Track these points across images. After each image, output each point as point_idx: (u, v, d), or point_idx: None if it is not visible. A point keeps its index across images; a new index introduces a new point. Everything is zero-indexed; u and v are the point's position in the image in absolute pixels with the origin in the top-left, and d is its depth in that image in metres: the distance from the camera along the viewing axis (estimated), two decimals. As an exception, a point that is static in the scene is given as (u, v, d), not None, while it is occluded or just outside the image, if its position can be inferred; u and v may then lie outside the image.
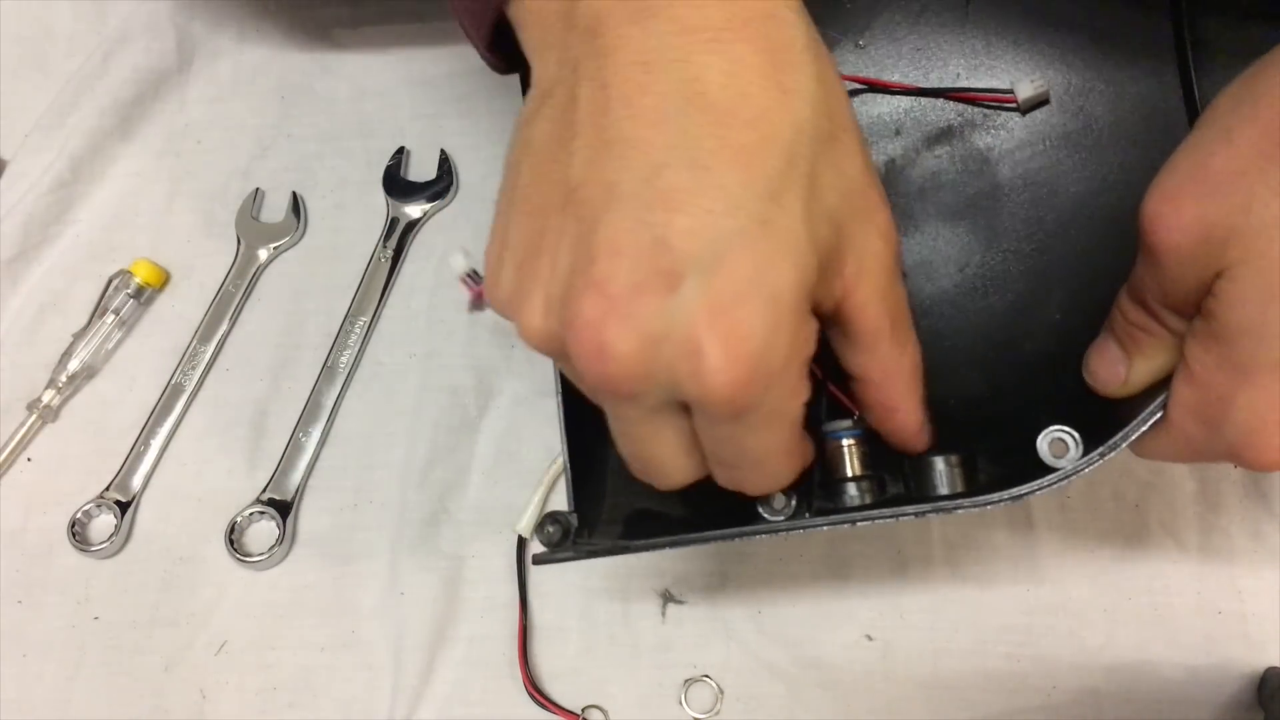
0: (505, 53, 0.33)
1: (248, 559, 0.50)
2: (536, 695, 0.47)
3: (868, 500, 0.35)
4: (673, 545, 0.35)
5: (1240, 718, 0.46)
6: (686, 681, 0.47)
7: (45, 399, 0.53)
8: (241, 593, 0.50)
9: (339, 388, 0.53)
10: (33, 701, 0.49)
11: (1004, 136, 0.40)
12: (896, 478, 0.36)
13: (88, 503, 0.51)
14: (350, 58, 0.61)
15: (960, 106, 0.40)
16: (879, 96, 0.41)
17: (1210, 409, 0.30)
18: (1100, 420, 0.33)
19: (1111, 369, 0.34)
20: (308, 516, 0.51)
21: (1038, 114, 0.39)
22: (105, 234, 0.58)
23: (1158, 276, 0.30)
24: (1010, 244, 0.39)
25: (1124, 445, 0.32)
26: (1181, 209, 0.28)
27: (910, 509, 0.33)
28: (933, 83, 0.40)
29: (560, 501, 0.50)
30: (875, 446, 0.35)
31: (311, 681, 0.48)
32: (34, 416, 0.53)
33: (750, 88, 0.26)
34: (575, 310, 0.25)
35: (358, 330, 0.54)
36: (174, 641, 0.49)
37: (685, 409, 0.28)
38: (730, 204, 0.25)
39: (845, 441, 0.35)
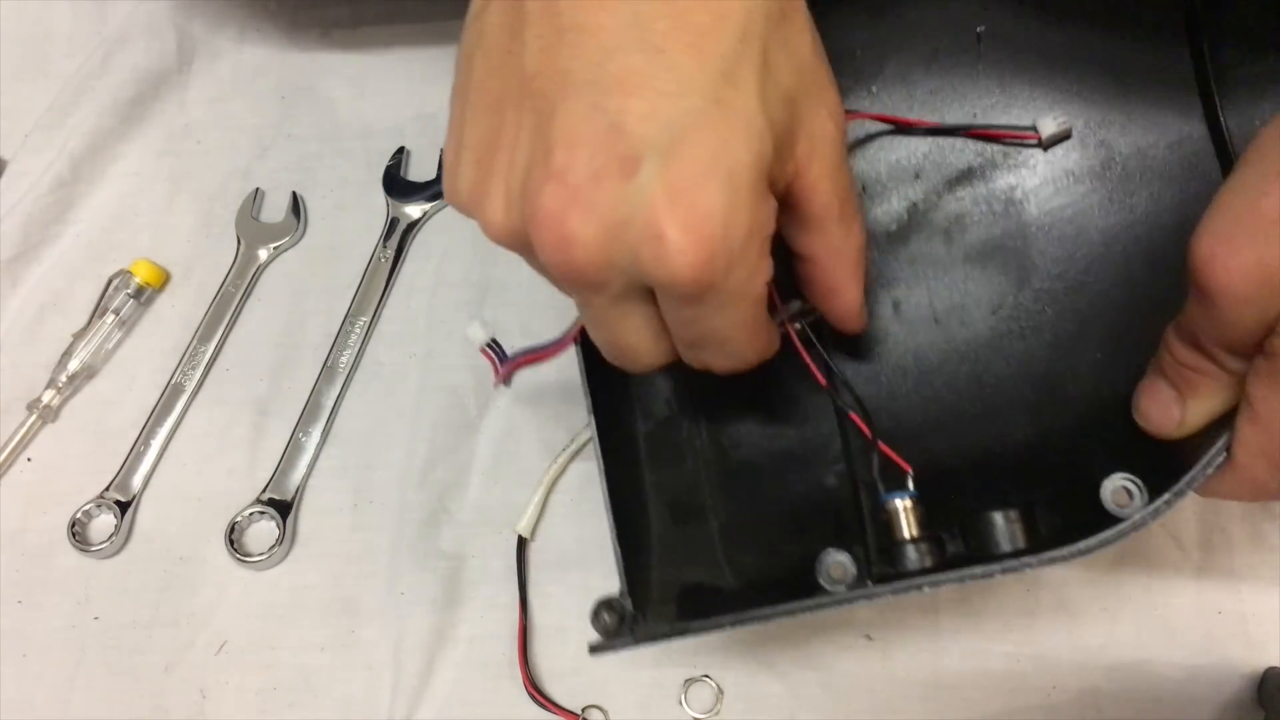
0: None
1: (248, 559, 0.50)
2: (536, 695, 0.47)
3: (929, 562, 0.34)
4: (735, 625, 0.33)
5: (1240, 718, 0.46)
6: (686, 681, 0.47)
7: (45, 399, 0.53)
8: (241, 593, 0.50)
9: (339, 388, 0.53)
10: (33, 701, 0.49)
11: (1026, 175, 0.39)
12: (954, 535, 0.35)
13: (88, 503, 0.51)
14: (350, 58, 0.61)
15: (979, 147, 0.39)
16: (897, 141, 0.40)
17: (1278, 450, 0.29)
18: (1157, 459, 0.32)
19: (1165, 411, 0.33)
20: (308, 516, 0.51)
21: (1059, 150, 0.39)
22: (105, 234, 0.58)
23: (1214, 319, 0.29)
24: (1042, 283, 0.39)
25: (1191, 489, 0.31)
26: (1238, 251, 0.28)
27: (978, 570, 0.32)
28: (950, 123, 0.40)
29: (561, 501, 0.50)
30: (930, 505, 0.35)
31: (311, 681, 0.48)
32: (34, 416, 0.53)
33: None
34: (536, 203, 0.26)
35: (358, 330, 0.54)
36: (174, 641, 0.49)
37: (651, 294, 0.28)
38: (685, 85, 0.25)
39: (901, 503, 0.34)
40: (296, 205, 0.57)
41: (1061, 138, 0.38)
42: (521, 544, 0.49)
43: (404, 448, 0.52)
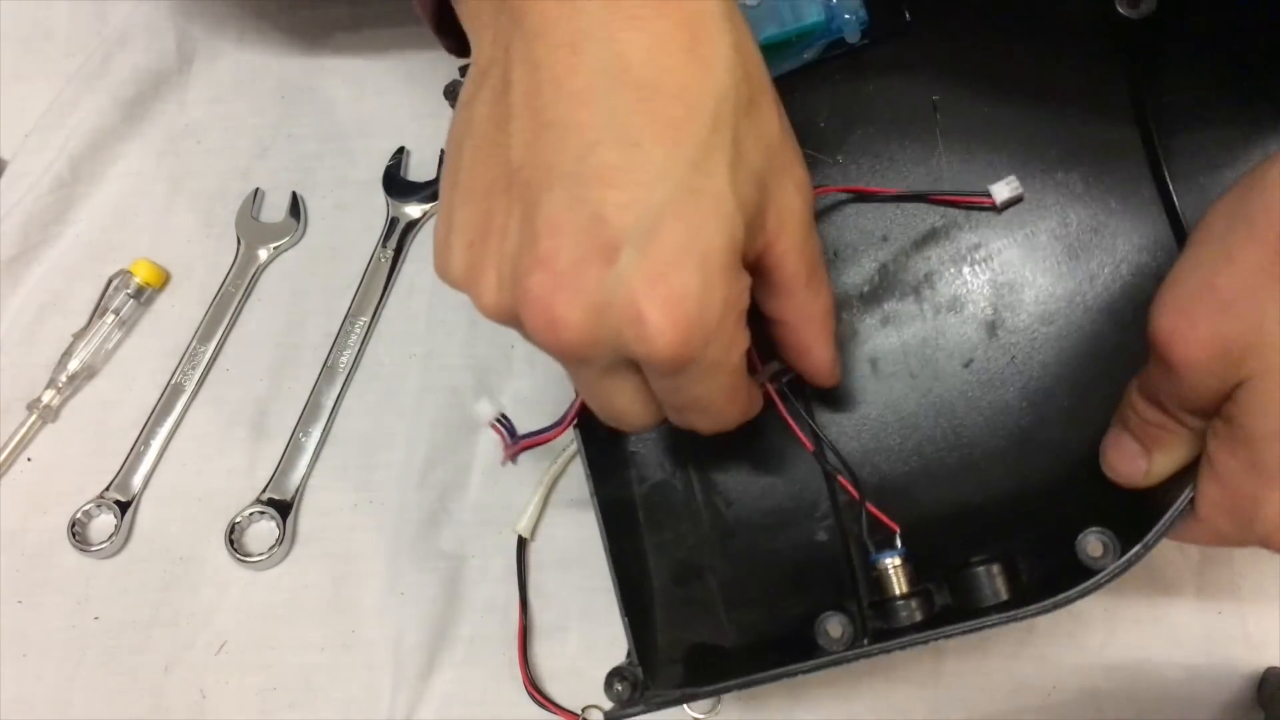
0: (456, 34, 0.34)
1: (248, 559, 0.50)
2: (536, 695, 0.47)
3: (919, 617, 0.36)
4: (742, 686, 0.36)
5: (1240, 718, 0.46)
6: (686, 681, 0.47)
7: (45, 399, 0.53)
8: (241, 593, 0.50)
9: (339, 388, 0.53)
10: (33, 701, 0.49)
11: (988, 234, 0.41)
12: (941, 585, 0.37)
13: (88, 503, 0.51)
14: (350, 58, 0.61)
15: (943, 210, 0.41)
16: (865, 207, 0.42)
17: (1240, 508, 0.31)
18: (1127, 506, 0.34)
19: (1132, 464, 0.35)
20: (308, 516, 0.51)
21: (1018, 210, 0.41)
22: (105, 234, 0.58)
23: (1175, 385, 0.31)
24: (1009, 336, 0.41)
25: (1158, 541, 0.33)
26: (1196, 326, 0.30)
27: (967, 625, 0.34)
28: (912, 190, 0.42)
29: (561, 501, 0.50)
30: (920, 563, 0.37)
31: (311, 681, 0.48)
32: (34, 416, 0.53)
33: (672, 61, 0.27)
34: (525, 286, 0.27)
35: (358, 330, 0.54)
36: (174, 641, 0.49)
37: (637, 365, 0.30)
38: (659, 175, 0.26)
39: (891, 562, 0.36)
40: (296, 205, 0.57)
41: (1014, 201, 0.40)
42: (521, 544, 0.49)
43: (404, 448, 0.52)
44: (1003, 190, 0.40)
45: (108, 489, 0.52)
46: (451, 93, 0.41)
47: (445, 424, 0.52)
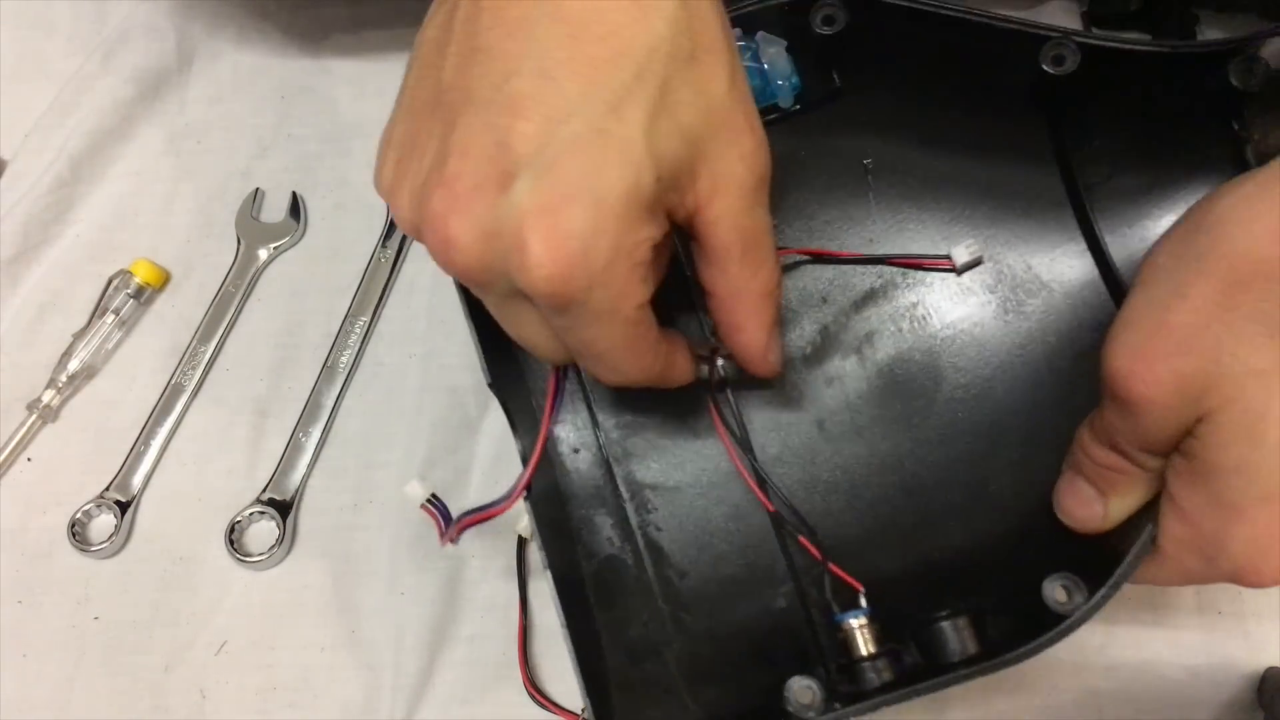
0: None
1: (248, 559, 0.50)
2: (536, 695, 0.47)
3: (888, 677, 0.35)
4: None
5: (1240, 718, 0.46)
6: (686, 681, 0.47)
7: (45, 399, 0.53)
8: (241, 593, 0.50)
9: (339, 388, 0.53)
10: (33, 701, 0.49)
11: (924, 291, 0.42)
12: (908, 643, 0.37)
13: (88, 503, 0.51)
14: (350, 58, 0.61)
15: (881, 270, 0.42)
16: (805, 269, 0.42)
17: (1204, 544, 0.31)
18: (1088, 551, 0.34)
19: (1088, 509, 0.35)
20: (308, 516, 0.51)
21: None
22: (105, 234, 0.58)
23: (1134, 425, 0.31)
24: (953, 391, 0.41)
25: (1124, 581, 0.33)
26: (1154, 365, 0.30)
27: (940, 681, 0.34)
28: (848, 250, 0.42)
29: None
30: (885, 621, 0.36)
31: (311, 681, 0.48)
32: (34, 416, 0.53)
33: (609, 4, 0.27)
34: (427, 205, 0.28)
35: (358, 330, 0.54)
36: (174, 641, 0.49)
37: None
38: (569, 111, 0.27)
39: (856, 622, 0.36)
40: (296, 205, 0.57)
41: (973, 264, 0.40)
42: (521, 544, 0.49)
43: (404, 448, 0.52)
44: (962, 254, 0.41)
45: (108, 489, 0.52)
46: None
47: (445, 424, 0.52)
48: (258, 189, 0.58)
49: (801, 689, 0.36)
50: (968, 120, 0.41)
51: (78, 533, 0.51)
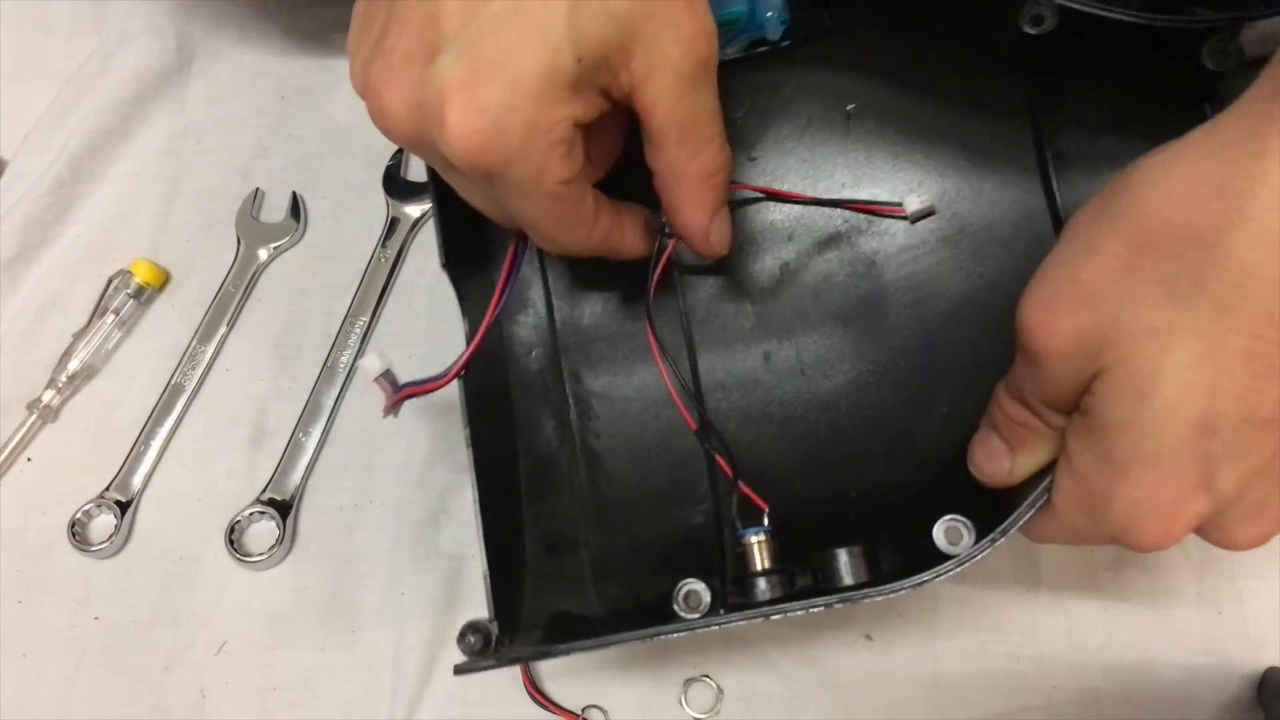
0: None
1: (248, 559, 0.50)
2: (536, 695, 0.47)
3: (778, 593, 0.36)
4: (593, 648, 0.36)
5: (1240, 718, 0.46)
6: (686, 681, 0.47)
7: (45, 399, 0.53)
8: (241, 593, 0.50)
9: (339, 388, 0.53)
10: (33, 701, 0.49)
11: (887, 241, 0.42)
12: (805, 570, 0.38)
13: (88, 503, 0.51)
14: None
15: (847, 214, 0.42)
16: (774, 205, 0.43)
17: (1092, 499, 0.31)
18: (992, 505, 0.35)
19: (996, 463, 0.35)
20: (308, 516, 0.51)
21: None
22: (105, 234, 0.58)
23: (1038, 378, 0.32)
24: (898, 342, 0.42)
25: (1014, 530, 0.34)
26: (1058, 318, 0.30)
27: (820, 600, 0.35)
28: (820, 191, 0.43)
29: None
30: (784, 542, 0.37)
31: (311, 681, 0.48)
32: (34, 416, 0.53)
33: None
34: (369, 73, 0.31)
35: (358, 330, 0.54)
36: (174, 641, 0.49)
37: None
38: (431, 26, 0.28)
39: (753, 539, 0.37)
40: (296, 205, 0.57)
41: (925, 214, 0.41)
42: (521, 544, 0.49)
43: (404, 448, 0.52)
44: (914, 202, 0.41)
45: (108, 489, 0.52)
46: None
47: (445, 424, 0.52)
48: (258, 189, 0.58)
49: (690, 592, 0.38)
50: (951, 75, 0.41)
51: (78, 533, 0.51)
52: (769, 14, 0.38)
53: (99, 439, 0.53)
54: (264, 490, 0.51)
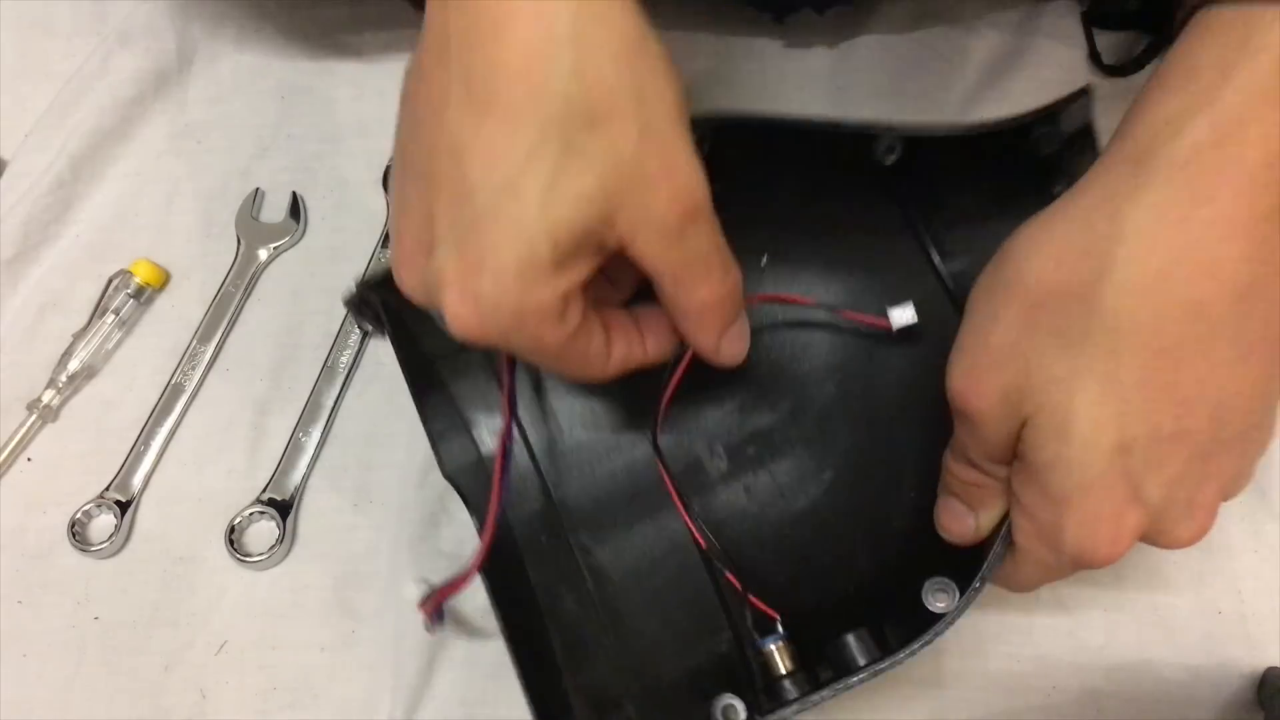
0: None
1: (248, 559, 0.50)
2: (536, 695, 0.47)
3: (804, 690, 0.39)
4: None
5: (1240, 718, 0.46)
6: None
7: (45, 399, 0.53)
8: (241, 593, 0.50)
9: (339, 388, 0.53)
10: (33, 701, 0.49)
11: (829, 353, 0.47)
12: (822, 661, 0.41)
13: (88, 503, 0.51)
14: (350, 58, 0.61)
15: (783, 344, 0.47)
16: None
17: (1046, 532, 0.35)
18: (970, 560, 0.38)
19: (961, 523, 0.39)
20: (308, 516, 0.51)
21: (853, 329, 0.47)
22: (105, 234, 0.58)
23: (976, 437, 0.36)
24: (858, 444, 0.46)
25: (990, 576, 0.37)
26: (981, 380, 0.34)
27: (840, 686, 0.38)
28: (824, 303, 0.47)
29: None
30: (801, 641, 0.41)
31: (311, 681, 0.48)
32: (34, 416, 0.53)
33: (502, 84, 0.30)
34: (393, 251, 0.34)
35: (358, 330, 0.54)
36: (174, 641, 0.49)
37: None
38: (471, 191, 0.30)
39: (771, 646, 0.40)
40: (296, 205, 0.57)
41: (910, 328, 0.43)
42: (521, 544, 0.49)
43: (404, 448, 0.52)
44: (900, 316, 0.43)
45: (108, 489, 0.52)
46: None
47: (445, 424, 0.52)
48: (258, 189, 0.58)
49: (727, 706, 0.40)
50: (842, 210, 0.47)
51: (78, 533, 0.51)
52: None
53: (99, 439, 0.53)
54: (264, 490, 0.51)
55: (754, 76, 0.61)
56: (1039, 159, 0.44)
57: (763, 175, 0.46)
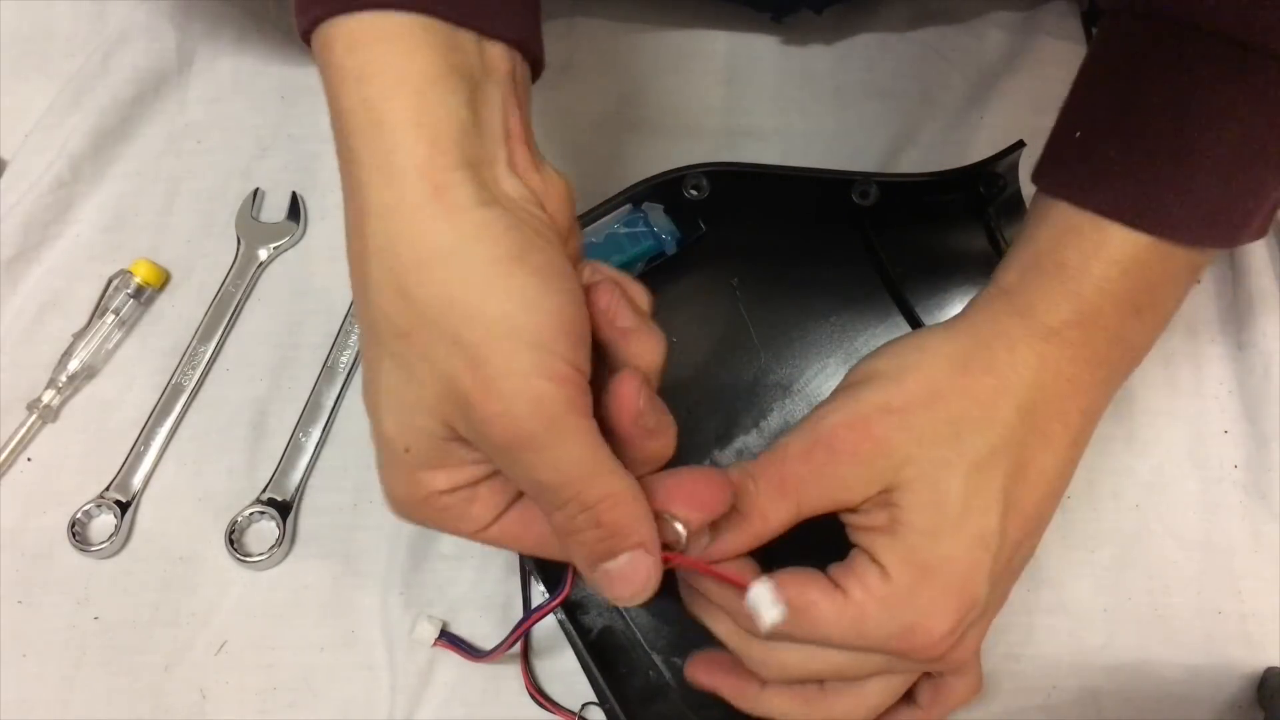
0: None
1: (248, 559, 0.50)
2: (536, 695, 0.47)
3: None
4: None
5: (1240, 718, 0.46)
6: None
7: (45, 399, 0.53)
8: (241, 593, 0.50)
9: (339, 388, 0.53)
10: (33, 701, 0.49)
11: (791, 373, 0.50)
12: None
13: (88, 503, 0.51)
14: (350, 58, 0.61)
15: (759, 363, 0.51)
16: (711, 375, 0.51)
17: (895, 594, 0.35)
18: None
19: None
20: (308, 516, 0.51)
21: (817, 356, 0.51)
22: (105, 234, 0.58)
23: (822, 474, 0.36)
24: None
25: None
26: (871, 428, 0.35)
27: None
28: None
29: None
30: None
31: (311, 681, 0.48)
32: (34, 416, 0.53)
33: (354, 288, 0.33)
34: None
35: (358, 330, 0.54)
36: (174, 641, 0.49)
37: None
38: (377, 402, 0.32)
39: None
40: (296, 205, 0.57)
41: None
42: (521, 544, 0.49)
43: (404, 448, 0.52)
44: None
45: (108, 489, 0.52)
46: None
47: (445, 424, 0.52)
48: (258, 189, 0.58)
49: None
50: (807, 238, 0.51)
51: (78, 533, 0.51)
52: (664, 237, 0.50)
53: (99, 439, 0.53)
54: (264, 490, 0.51)
55: (753, 76, 0.61)
56: (977, 199, 0.51)
57: (742, 209, 0.49)
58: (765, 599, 0.33)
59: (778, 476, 0.35)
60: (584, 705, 0.47)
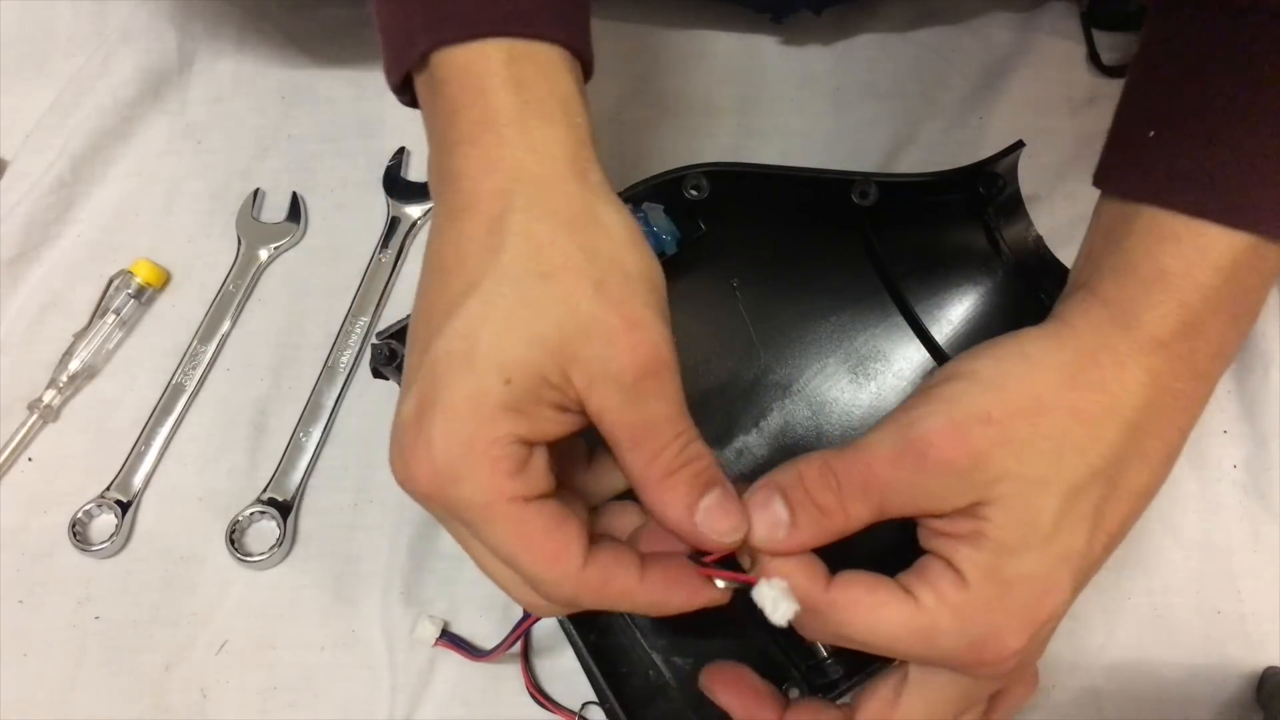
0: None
1: (248, 559, 0.50)
2: (536, 695, 0.47)
3: (844, 669, 0.42)
4: None
5: (1240, 718, 0.46)
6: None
7: (46, 399, 0.53)
8: (241, 593, 0.50)
9: (339, 388, 0.53)
10: (33, 701, 0.49)
11: (792, 371, 0.50)
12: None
13: (88, 503, 0.51)
14: (350, 58, 0.61)
15: (759, 363, 0.50)
16: (708, 368, 0.50)
17: (969, 606, 0.34)
18: None
19: (768, 518, 0.36)
20: (308, 516, 0.51)
21: (817, 347, 0.50)
22: (106, 234, 0.58)
23: (906, 484, 0.34)
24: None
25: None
26: (969, 439, 0.33)
27: (875, 667, 0.39)
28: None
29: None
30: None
31: (311, 681, 0.48)
32: (34, 416, 0.53)
33: (467, 252, 0.32)
34: None
35: (358, 330, 0.54)
36: (174, 641, 0.49)
37: None
38: (429, 341, 0.32)
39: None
40: (296, 205, 0.57)
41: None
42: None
43: (404, 448, 0.52)
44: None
45: (108, 489, 0.52)
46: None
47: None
48: (258, 189, 0.58)
49: (787, 687, 0.42)
50: (806, 239, 0.51)
51: (78, 532, 0.51)
52: (665, 237, 0.48)
53: (99, 439, 0.53)
54: (264, 490, 0.51)
55: (752, 76, 0.61)
56: (976, 200, 0.50)
57: (741, 209, 0.49)
58: (769, 596, 0.33)
59: (862, 478, 0.34)
60: (584, 705, 0.47)
